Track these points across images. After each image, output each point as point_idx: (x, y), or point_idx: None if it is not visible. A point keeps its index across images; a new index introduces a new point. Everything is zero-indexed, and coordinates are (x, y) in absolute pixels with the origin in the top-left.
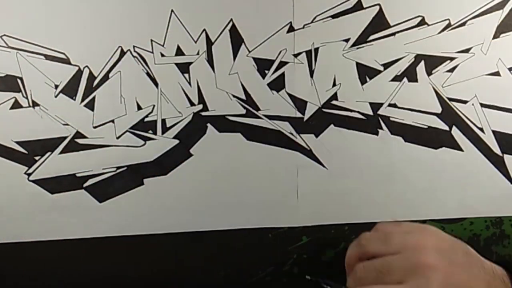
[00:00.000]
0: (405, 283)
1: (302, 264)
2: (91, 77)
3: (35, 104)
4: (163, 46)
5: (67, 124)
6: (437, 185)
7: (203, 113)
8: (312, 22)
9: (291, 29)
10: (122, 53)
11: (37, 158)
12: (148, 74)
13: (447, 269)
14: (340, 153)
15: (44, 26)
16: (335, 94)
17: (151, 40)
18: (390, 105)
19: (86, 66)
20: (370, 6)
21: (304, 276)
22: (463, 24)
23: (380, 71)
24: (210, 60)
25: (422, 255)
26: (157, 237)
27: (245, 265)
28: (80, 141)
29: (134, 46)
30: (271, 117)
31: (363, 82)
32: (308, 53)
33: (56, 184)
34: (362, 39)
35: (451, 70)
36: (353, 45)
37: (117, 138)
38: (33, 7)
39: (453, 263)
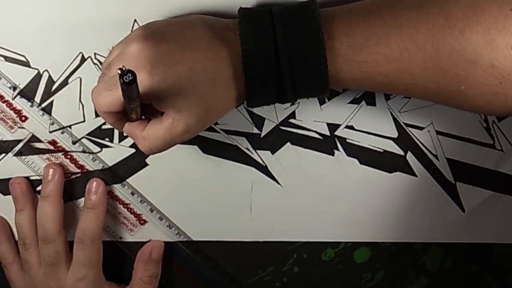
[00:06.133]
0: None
1: (302, 264)
2: (50, 81)
3: None
4: None
5: (23, 127)
6: (389, 208)
7: None
8: None
9: None
10: (83, 60)
11: None
12: None
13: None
14: (295, 171)
15: (5, 27)
16: (293, 112)
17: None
18: (347, 126)
19: (46, 70)
20: None
21: None
22: None
23: (339, 93)
24: None
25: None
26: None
27: (245, 265)
28: (35, 145)
29: (95, 53)
30: (228, 132)
31: (321, 102)
32: None
33: (8, 186)
34: None
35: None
36: None
37: (73, 143)
38: None
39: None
